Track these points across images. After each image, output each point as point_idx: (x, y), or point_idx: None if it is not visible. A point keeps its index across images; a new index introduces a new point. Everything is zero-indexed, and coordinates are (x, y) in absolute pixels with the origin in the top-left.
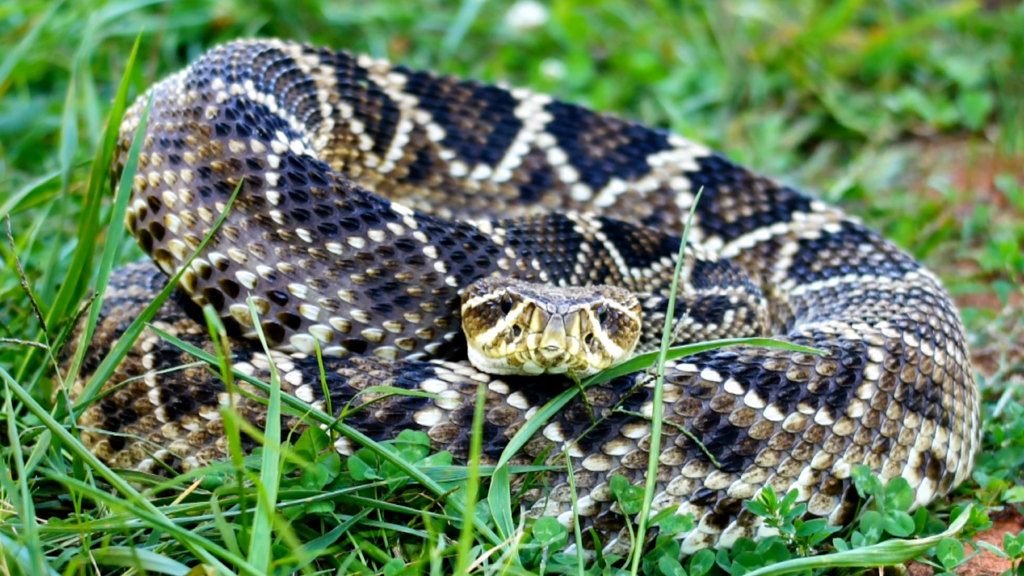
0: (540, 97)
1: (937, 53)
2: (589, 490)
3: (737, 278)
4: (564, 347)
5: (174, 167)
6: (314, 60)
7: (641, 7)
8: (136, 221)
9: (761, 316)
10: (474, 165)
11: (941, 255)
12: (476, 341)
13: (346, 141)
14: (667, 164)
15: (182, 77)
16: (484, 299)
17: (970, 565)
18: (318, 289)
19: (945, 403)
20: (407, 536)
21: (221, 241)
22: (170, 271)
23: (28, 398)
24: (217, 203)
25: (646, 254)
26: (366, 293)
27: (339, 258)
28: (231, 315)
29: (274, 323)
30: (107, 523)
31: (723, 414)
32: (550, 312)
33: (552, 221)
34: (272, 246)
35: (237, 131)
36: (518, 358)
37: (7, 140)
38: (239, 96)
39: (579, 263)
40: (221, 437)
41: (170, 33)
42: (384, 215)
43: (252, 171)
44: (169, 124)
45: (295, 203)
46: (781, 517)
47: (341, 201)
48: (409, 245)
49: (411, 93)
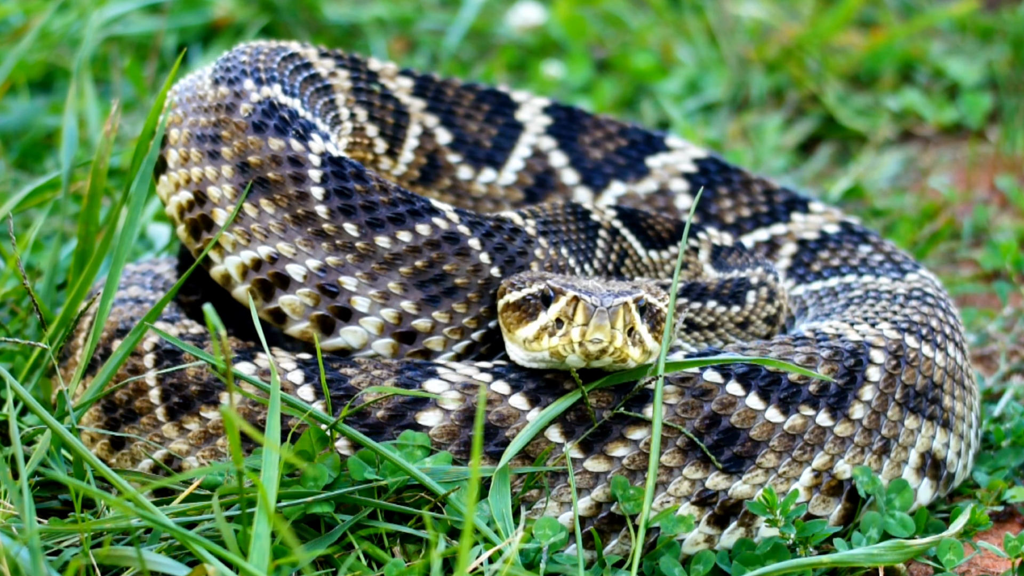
0: (539, 100)
1: (937, 53)
2: (590, 491)
3: (755, 259)
4: (608, 340)
5: (214, 163)
6: (330, 64)
7: (641, 7)
8: (183, 211)
9: (782, 294)
10: (480, 168)
11: (941, 255)
12: (516, 335)
13: (363, 144)
14: (666, 166)
15: (208, 73)
16: (523, 293)
17: (970, 565)
18: (368, 282)
19: (945, 404)
20: (407, 536)
21: (270, 235)
22: (218, 260)
23: (29, 398)
24: (261, 199)
25: (662, 239)
26: (415, 285)
27: (388, 252)
28: (279, 306)
29: (324, 315)
30: (107, 523)
31: (724, 415)
32: (595, 305)
33: (571, 210)
34: (319, 241)
35: (275, 130)
36: (561, 352)
37: (7, 140)
38: (271, 98)
39: (599, 248)
40: (222, 437)
41: (170, 33)
42: (428, 211)
43: (294, 168)
44: (203, 119)
45: (340, 199)
46: (782, 517)
47: (386, 198)
48: (455, 238)
49: (419, 96)
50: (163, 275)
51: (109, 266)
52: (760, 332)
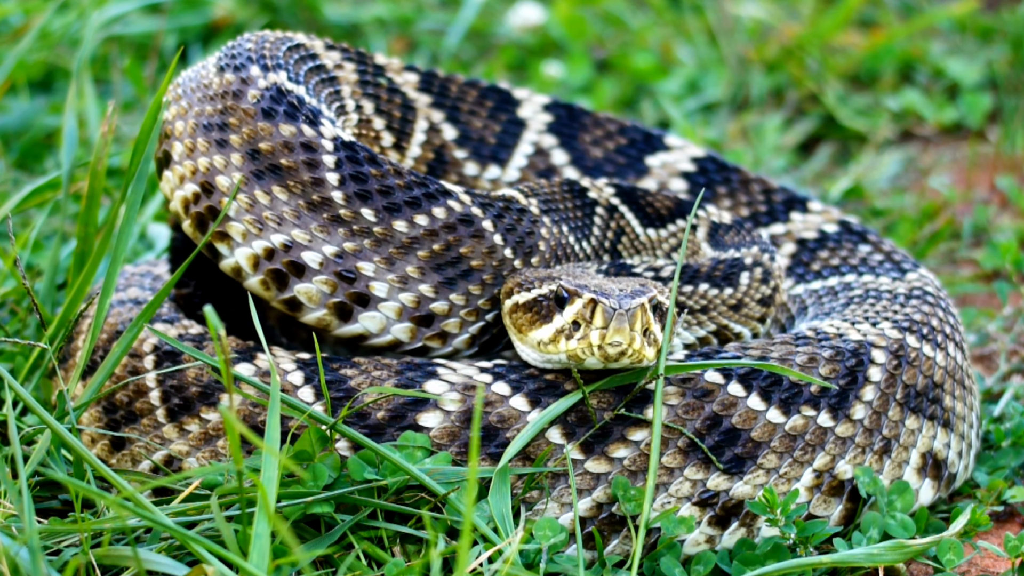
0: (540, 97)
1: (937, 53)
2: (590, 491)
3: (751, 238)
4: (628, 342)
5: (222, 151)
6: (336, 56)
7: (641, 7)
8: (189, 205)
9: (777, 274)
10: (485, 165)
11: (941, 255)
12: (530, 338)
13: (369, 137)
14: (665, 165)
15: (212, 62)
16: (533, 294)
17: (970, 565)
18: (386, 267)
19: (946, 404)
20: (407, 536)
21: (283, 222)
22: (227, 252)
23: (29, 398)
24: (273, 186)
25: (661, 216)
26: (432, 268)
27: (406, 236)
28: (295, 295)
29: (342, 302)
30: (107, 523)
31: (726, 416)
32: (613, 308)
33: (568, 187)
34: (335, 227)
35: (285, 115)
36: (580, 354)
37: (7, 140)
38: (278, 84)
39: (596, 226)
40: (222, 438)
41: (170, 33)
42: (442, 193)
43: (307, 154)
44: (209, 108)
45: (356, 184)
46: (782, 518)
47: (401, 181)
48: (469, 220)
49: (425, 92)
50: (162, 276)
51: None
52: (754, 314)
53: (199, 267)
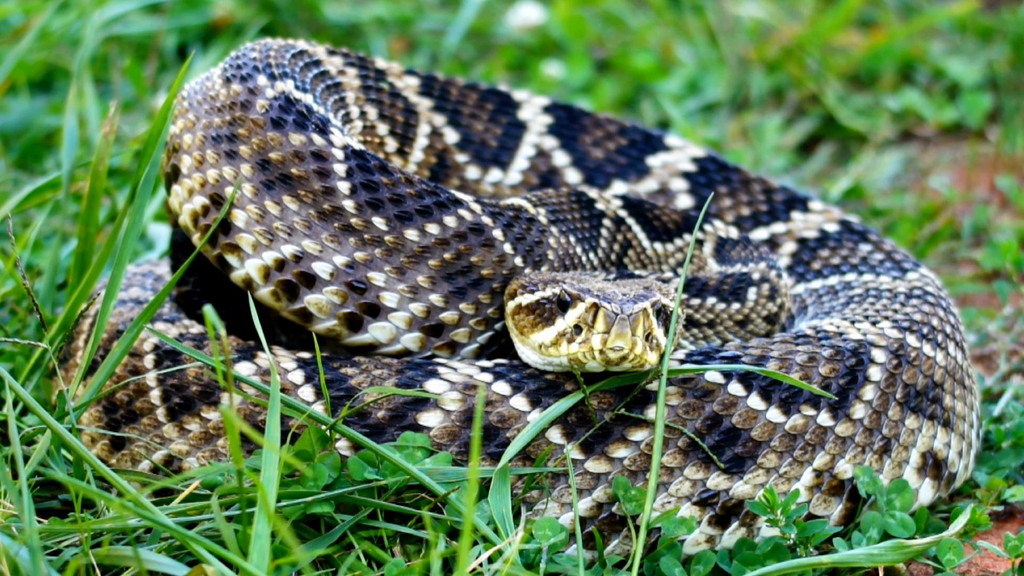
0: (539, 99)
1: (937, 53)
2: (591, 491)
3: (759, 254)
4: (629, 347)
5: (232, 162)
6: (339, 62)
7: (641, 7)
8: (198, 217)
9: (784, 291)
10: (487, 168)
11: (941, 255)
12: (532, 340)
13: (373, 143)
14: (665, 165)
15: (217, 73)
16: (536, 297)
17: (970, 565)
18: (397, 277)
19: (946, 404)
20: (407, 536)
21: (294, 233)
22: (238, 264)
23: (29, 398)
24: (284, 196)
25: (668, 230)
26: (443, 278)
27: (417, 245)
28: (305, 306)
29: (352, 312)
30: (107, 523)
31: (726, 416)
32: (615, 313)
33: (575, 198)
34: (346, 236)
35: (294, 125)
36: (581, 358)
37: (7, 140)
38: (286, 93)
39: (603, 238)
40: (222, 437)
41: (170, 33)
42: (453, 202)
43: (318, 163)
44: (217, 120)
45: (368, 193)
46: (783, 517)
47: (412, 190)
48: (480, 229)
49: (426, 96)
50: (163, 276)
51: (111, 268)
52: (759, 331)
53: (200, 265)
